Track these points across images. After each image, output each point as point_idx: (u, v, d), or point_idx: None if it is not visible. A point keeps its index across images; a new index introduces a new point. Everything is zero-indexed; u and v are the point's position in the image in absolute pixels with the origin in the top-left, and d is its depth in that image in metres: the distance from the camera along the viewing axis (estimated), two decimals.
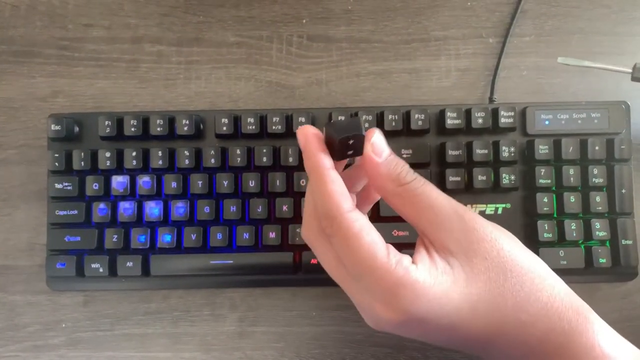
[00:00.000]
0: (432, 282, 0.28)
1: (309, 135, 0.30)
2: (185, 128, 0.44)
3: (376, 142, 0.30)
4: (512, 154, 0.43)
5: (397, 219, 0.42)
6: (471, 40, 0.48)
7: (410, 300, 0.27)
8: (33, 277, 0.45)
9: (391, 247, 0.29)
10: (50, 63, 0.48)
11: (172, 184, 0.43)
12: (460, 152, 0.43)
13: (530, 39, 0.48)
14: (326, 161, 0.29)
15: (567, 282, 0.44)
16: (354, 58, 0.48)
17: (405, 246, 0.42)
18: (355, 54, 0.48)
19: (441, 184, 0.44)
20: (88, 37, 0.48)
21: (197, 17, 0.49)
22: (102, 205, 0.44)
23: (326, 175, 0.29)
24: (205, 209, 0.43)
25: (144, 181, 0.44)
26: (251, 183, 0.43)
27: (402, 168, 0.30)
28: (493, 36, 0.48)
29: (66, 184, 0.44)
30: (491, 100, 0.46)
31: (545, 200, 0.43)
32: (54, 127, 0.44)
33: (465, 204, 0.44)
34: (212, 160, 0.44)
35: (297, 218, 0.43)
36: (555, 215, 0.43)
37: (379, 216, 0.43)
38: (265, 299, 0.45)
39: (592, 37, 0.48)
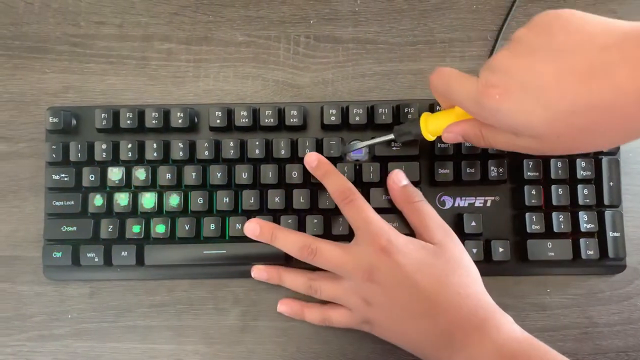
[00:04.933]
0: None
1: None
2: (180, 121, 0.45)
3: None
4: None
5: (390, 211, 0.43)
6: (476, 42, 0.49)
7: None
8: (40, 268, 0.46)
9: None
10: (62, 59, 0.49)
11: (166, 175, 0.44)
12: (448, 145, 0.44)
13: None
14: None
15: (556, 274, 0.45)
16: (360, 59, 0.49)
17: None
18: (361, 55, 0.49)
19: (430, 177, 0.44)
20: (99, 34, 0.49)
21: (206, 17, 0.50)
22: (98, 196, 0.45)
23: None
24: (198, 200, 0.44)
25: (139, 172, 0.45)
26: (244, 175, 0.44)
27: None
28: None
29: (63, 175, 0.45)
30: None
31: (534, 192, 0.43)
32: (51, 119, 0.45)
33: (455, 197, 0.45)
34: (206, 153, 0.44)
35: (288, 209, 0.44)
36: (543, 208, 0.43)
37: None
38: (267, 293, 0.46)
39: None
